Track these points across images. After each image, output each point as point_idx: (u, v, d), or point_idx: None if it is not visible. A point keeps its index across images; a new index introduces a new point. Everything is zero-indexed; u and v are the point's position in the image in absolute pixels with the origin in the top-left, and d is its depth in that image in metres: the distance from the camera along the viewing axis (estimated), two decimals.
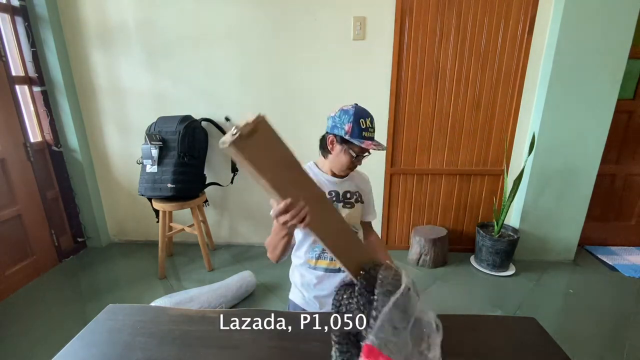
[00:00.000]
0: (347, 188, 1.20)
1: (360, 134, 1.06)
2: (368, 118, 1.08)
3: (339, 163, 1.14)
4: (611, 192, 2.54)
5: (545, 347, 0.82)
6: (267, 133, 0.61)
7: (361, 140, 1.06)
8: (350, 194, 1.20)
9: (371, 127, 1.08)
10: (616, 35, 1.98)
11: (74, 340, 0.83)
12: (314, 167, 1.22)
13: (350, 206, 1.19)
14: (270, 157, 0.62)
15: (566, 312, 1.95)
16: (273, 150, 0.63)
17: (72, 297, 2.07)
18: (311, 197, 0.71)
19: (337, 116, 1.10)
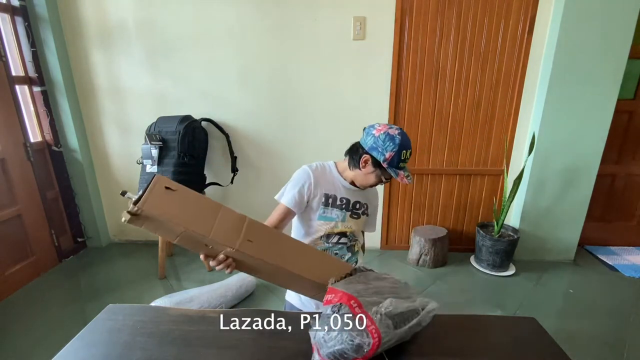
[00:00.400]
0: (359, 199, 1.19)
1: (397, 165, 1.05)
2: (409, 150, 1.06)
3: (364, 180, 1.13)
4: (611, 192, 2.54)
5: (545, 347, 0.82)
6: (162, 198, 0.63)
7: (397, 172, 1.05)
8: (359, 204, 1.20)
9: (408, 159, 1.07)
10: (616, 35, 1.98)
11: (74, 340, 0.83)
12: (334, 168, 1.20)
13: (356, 217, 1.19)
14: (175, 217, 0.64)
15: (566, 312, 1.95)
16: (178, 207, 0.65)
17: (72, 297, 2.07)
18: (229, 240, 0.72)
19: (382, 139, 1.05)
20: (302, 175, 1.15)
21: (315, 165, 1.18)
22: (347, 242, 1.19)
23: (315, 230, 1.16)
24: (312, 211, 1.15)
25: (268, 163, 2.51)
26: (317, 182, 1.13)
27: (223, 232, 0.69)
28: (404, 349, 0.79)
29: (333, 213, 1.15)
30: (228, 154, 2.46)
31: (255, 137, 2.46)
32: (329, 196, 1.15)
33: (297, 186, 1.12)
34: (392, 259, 2.49)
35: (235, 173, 2.49)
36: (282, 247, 0.82)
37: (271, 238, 0.81)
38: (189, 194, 0.68)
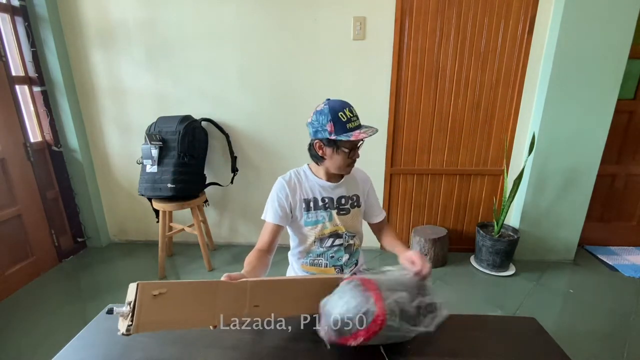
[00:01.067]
0: (342, 193, 1.16)
1: (344, 128, 1.00)
2: (346, 108, 1.02)
3: (336, 164, 1.09)
4: (611, 192, 2.53)
5: (545, 347, 0.82)
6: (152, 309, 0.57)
7: (348, 135, 1.00)
8: (345, 199, 1.16)
9: (353, 116, 1.02)
10: (616, 35, 1.98)
11: (74, 340, 0.83)
12: (308, 171, 1.18)
13: (345, 212, 1.15)
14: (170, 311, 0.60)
15: (566, 312, 1.95)
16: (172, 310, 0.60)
17: (72, 297, 2.07)
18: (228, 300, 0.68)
19: (315, 120, 1.04)
20: (277, 188, 1.14)
21: (289, 174, 1.17)
22: (342, 242, 1.16)
23: (306, 236, 1.15)
24: (298, 219, 1.14)
25: (268, 163, 2.51)
26: (293, 191, 1.12)
27: (227, 312, 0.65)
28: (404, 349, 0.79)
29: (318, 215, 1.13)
30: (228, 154, 2.46)
31: (255, 137, 2.46)
32: (308, 200, 1.13)
33: (276, 200, 1.12)
34: (392, 259, 2.48)
35: (235, 173, 2.49)
36: (287, 294, 0.80)
37: (276, 289, 0.77)
38: (179, 288, 0.61)
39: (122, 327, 0.57)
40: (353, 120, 1.02)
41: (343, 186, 1.16)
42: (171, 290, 0.60)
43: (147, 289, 0.57)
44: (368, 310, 0.68)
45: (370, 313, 0.68)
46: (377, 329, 0.68)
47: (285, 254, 1.28)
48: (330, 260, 1.17)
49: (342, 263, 1.18)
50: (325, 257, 1.17)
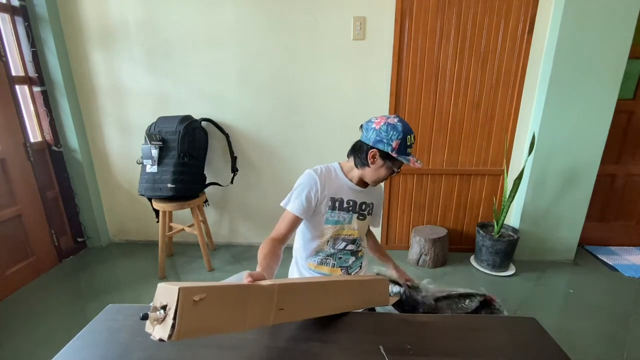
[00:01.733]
0: (365, 199, 1.18)
1: (406, 152, 1.04)
2: (412, 134, 1.06)
3: (376, 176, 1.11)
4: (611, 192, 2.54)
5: (545, 347, 0.82)
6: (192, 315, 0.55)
7: (407, 158, 1.04)
8: (365, 205, 1.19)
9: (413, 144, 1.07)
10: (616, 35, 1.98)
11: (74, 340, 0.83)
12: (340, 170, 1.16)
13: (362, 218, 1.19)
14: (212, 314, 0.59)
15: (566, 312, 1.95)
16: (209, 316, 0.58)
17: (72, 297, 2.07)
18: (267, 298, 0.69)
19: (384, 130, 1.04)
20: (308, 180, 1.11)
21: (320, 168, 1.15)
22: (353, 248, 1.20)
23: (322, 233, 1.15)
24: (319, 215, 1.13)
25: (268, 163, 2.51)
26: (323, 187, 1.11)
27: (255, 317, 0.66)
28: (404, 349, 0.79)
29: (340, 216, 1.14)
30: (228, 154, 2.46)
31: (255, 137, 2.46)
32: (335, 199, 1.13)
33: (304, 192, 1.09)
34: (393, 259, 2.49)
35: (235, 173, 2.49)
36: (313, 296, 0.80)
37: (302, 293, 0.78)
38: (216, 293, 0.60)
39: (158, 333, 0.54)
40: (411, 147, 1.07)
41: (368, 193, 1.18)
42: (209, 296, 0.58)
43: (188, 294, 0.55)
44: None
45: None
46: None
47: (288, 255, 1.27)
48: (338, 261, 1.20)
49: (348, 265, 1.21)
50: (334, 258, 1.19)
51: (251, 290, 0.66)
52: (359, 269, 1.26)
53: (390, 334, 0.84)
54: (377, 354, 0.77)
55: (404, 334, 0.85)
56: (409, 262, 2.46)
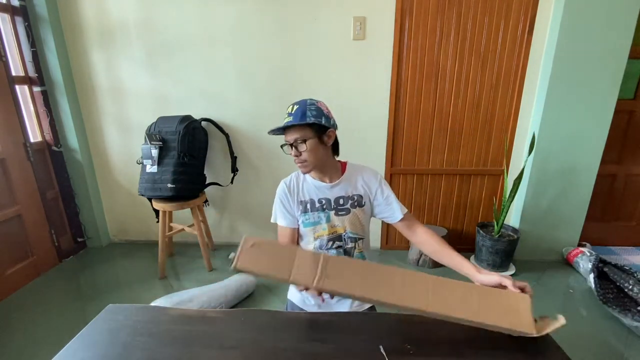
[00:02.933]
0: (340, 193, 1.12)
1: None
2: (292, 105, 1.08)
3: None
4: (611, 192, 2.53)
5: (545, 347, 0.82)
6: (249, 255, 0.78)
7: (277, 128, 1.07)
8: (344, 199, 1.11)
9: (286, 113, 1.07)
10: (616, 35, 1.98)
11: (74, 340, 0.83)
12: (300, 175, 1.17)
13: (344, 212, 1.11)
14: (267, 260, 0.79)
15: (566, 312, 1.95)
16: (262, 259, 0.79)
17: (72, 297, 2.08)
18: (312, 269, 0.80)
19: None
20: (280, 193, 1.15)
21: (290, 176, 1.18)
22: (342, 244, 1.13)
23: (306, 237, 1.14)
24: (299, 221, 1.14)
25: (268, 163, 2.51)
26: (291, 193, 1.13)
27: (301, 274, 0.78)
28: (404, 349, 0.79)
29: (315, 217, 1.12)
30: (228, 154, 2.46)
31: (255, 137, 2.46)
32: (305, 202, 1.12)
33: (280, 204, 1.13)
34: (393, 259, 2.49)
35: (235, 173, 2.49)
36: (363, 276, 0.81)
37: (351, 269, 0.82)
38: (268, 246, 0.81)
39: (232, 263, 0.78)
40: (287, 116, 1.07)
41: (343, 185, 1.12)
42: (264, 245, 0.80)
43: (249, 240, 0.79)
44: None
45: None
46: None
47: None
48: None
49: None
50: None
51: (298, 252, 0.81)
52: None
53: (390, 334, 0.84)
54: (377, 354, 0.77)
55: (404, 334, 0.85)
56: (409, 262, 2.46)
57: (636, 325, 1.72)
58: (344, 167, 1.15)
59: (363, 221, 1.15)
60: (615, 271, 2.00)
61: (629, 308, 1.82)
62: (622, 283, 1.93)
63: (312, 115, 1.04)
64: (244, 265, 0.77)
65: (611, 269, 2.03)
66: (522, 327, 0.76)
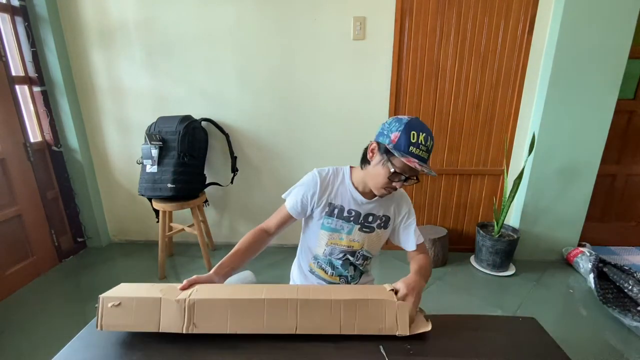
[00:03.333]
0: (371, 211, 1.07)
1: (407, 148, 0.89)
2: (423, 133, 0.90)
3: (374, 177, 0.98)
4: (611, 192, 2.54)
5: (545, 347, 0.82)
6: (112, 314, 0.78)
7: (405, 155, 0.89)
8: (373, 217, 1.07)
9: (423, 145, 0.90)
10: (616, 35, 1.98)
11: (74, 340, 0.83)
12: (347, 176, 1.07)
13: (368, 230, 1.08)
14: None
15: (566, 312, 1.95)
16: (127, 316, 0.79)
17: (72, 297, 2.08)
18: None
19: (388, 123, 0.96)
20: (309, 181, 1.06)
21: (327, 170, 1.08)
22: (353, 261, 1.10)
23: (318, 239, 1.10)
24: (315, 219, 1.09)
25: (268, 163, 2.51)
26: (323, 191, 1.05)
27: (170, 323, 0.78)
28: (404, 349, 0.79)
29: (337, 224, 1.07)
30: (228, 154, 2.46)
31: (255, 137, 2.46)
32: (334, 206, 1.06)
33: (301, 193, 1.06)
34: (392, 259, 2.49)
35: (235, 173, 2.49)
36: (232, 312, 0.80)
37: (217, 308, 0.80)
38: (129, 301, 0.80)
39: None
40: (420, 148, 0.90)
41: (375, 204, 1.07)
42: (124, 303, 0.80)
43: (106, 300, 0.81)
44: None
45: None
46: None
47: (287, 254, 1.26)
48: (336, 270, 1.12)
49: (348, 274, 1.13)
50: (332, 267, 1.12)
51: (162, 302, 0.79)
52: (356, 282, 1.17)
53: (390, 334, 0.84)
54: (377, 354, 0.77)
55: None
56: (408, 262, 2.45)
57: (636, 325, 1.72)
58: None
59: (380, 242, 1.12)
60: (615, 271, 2.00)
61: (629, 308, 1.82)
62: (622, 283, 1.93)
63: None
64: (108, 326, 0.78)
65: (611, 269, 2.03)
66: (386, 331, 0.81)
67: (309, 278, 1.18)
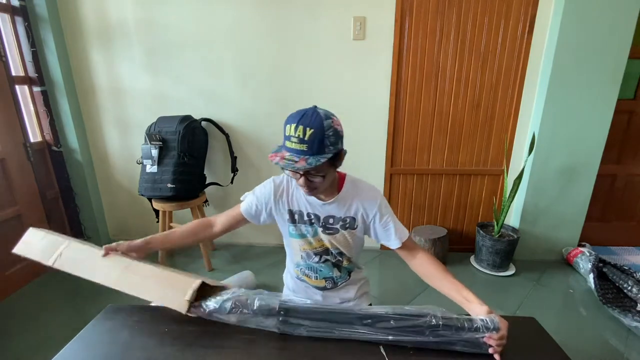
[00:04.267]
0: (331, 212, 1.02)
1: (284, 144, 0.87)
2: (294, 124, 0.83)
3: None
4: (611, 192, 2.54)
5: (545, 347, 0.82)
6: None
7: (276, 151, 0.88)
8: (334, 219, 1.03)
9: (295, 136, 0.82)
10: (616, 35, 1.98)
11: (74, 340, 0.83)
12: (293, 180, 1.04)
13: (332, 232, 1.04)
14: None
15: (566, 312, 1.95)
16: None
17: (72, 298, 2.08)
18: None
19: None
20: (265, 190, 1.07)
21: (282, 179, 1.07)
22: (329, 259, 1.09)
23: (292, 247, 1.11)
24: (283, 228, 1.10)
25: (268, 163, 2.50)
26: (278, 199, 1.05)
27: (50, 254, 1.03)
28: (404, 349, 0.79)
29: (302, 229, 1.05)
30: (228, 154, 2.46)
31: (255, 137, 2.46)
32: (293, 212, 1.04)
33: (255, 198, 1.08)
34: (392, 259, 2.49)
35: (235, 173, 2.49)
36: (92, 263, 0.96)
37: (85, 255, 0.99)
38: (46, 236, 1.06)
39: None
40: (292, 140, 0.84)
41: (334, 205, 1.01)
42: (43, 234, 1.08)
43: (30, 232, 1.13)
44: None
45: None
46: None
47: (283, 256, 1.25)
48: (319, 273, 1.11)
49: (332, 276, 1.12)
50: (314, 271, 1.11)
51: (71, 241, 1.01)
52: (346, 281, 1.14)
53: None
54: (377, 354, 0.77)
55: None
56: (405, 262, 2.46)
57: (636, 325, 1.72)
58: (341, 182, 1.03)
59: (352, 242, 1.07)
60: (614, 271, 2.00)
61: (629, 308, 1.82)
62: (621, 284, 1.93)
63: (331, 143, 0.85)
64: (20, 250, 1.09)
65: (610, 269, 2.03)
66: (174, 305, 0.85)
67: (298, 284, 1.18)
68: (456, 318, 0.79)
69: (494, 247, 2.24)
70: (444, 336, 0.76)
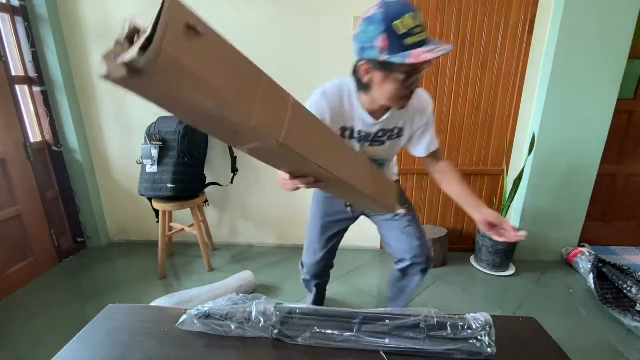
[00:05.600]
0: (384, 127, 0.97)
1: (403, 46, 0.72)
2: (407, 14, 0.71)
3: (385, 95, 0.85)
4: (611, 192, 2.54)
5: (545, 347, 0.82)
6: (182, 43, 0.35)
7: (404, 55, 0.72)
8: (382, 132, 0.98)
9: (416, 27, 0.71)
10: (616, 35, 1.98)
11: (74, 340, 0.83)
12: (354, 95, 0.96)
13: (379, 144, 1.01)
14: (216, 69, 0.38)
15: (566, 312, 1.95)
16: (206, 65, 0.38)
17: (72, 297, 2.07)
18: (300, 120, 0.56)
19: (362, 31, 0.77)
20: (316, 109, 0.95)
21: (333, 92, 0.96)
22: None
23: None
24: None
25: None
26: (333, 117, 0.95)
27: (264, 117, 0.47)
28: (404, 349, 0.79)
29: (350, 144, 1.03)
30: (228, 154, 2.46)
31: None
32: (345, 128, 0.99)
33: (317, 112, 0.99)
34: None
35: (235, 173, 2.49)
36: (327, 143, 0.65)
37: (318, 130, 0.63)
38: (221, 46, 0.41)
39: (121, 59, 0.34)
40: (416, 33, 0.71)
41: (384, 122, 0.97)
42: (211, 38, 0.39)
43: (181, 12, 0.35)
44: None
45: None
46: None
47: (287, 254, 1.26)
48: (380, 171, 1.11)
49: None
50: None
51: (263, 79, 0.51)
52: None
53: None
54: (377, 354, 0.77)
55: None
56: None
57: (636, 325, 1.72)
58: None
59: (395, 150, 1.07)
60: (614, 272, 2.00)
61: (629, 308, 1.82)
62: (621, 284, 1.93)
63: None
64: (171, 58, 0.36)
65: (610, 269, 2.03)
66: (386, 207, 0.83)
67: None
68: (450, 317, 0.81)
69: (494, 247, 2.24)
70: (440, 337, 0.78)
